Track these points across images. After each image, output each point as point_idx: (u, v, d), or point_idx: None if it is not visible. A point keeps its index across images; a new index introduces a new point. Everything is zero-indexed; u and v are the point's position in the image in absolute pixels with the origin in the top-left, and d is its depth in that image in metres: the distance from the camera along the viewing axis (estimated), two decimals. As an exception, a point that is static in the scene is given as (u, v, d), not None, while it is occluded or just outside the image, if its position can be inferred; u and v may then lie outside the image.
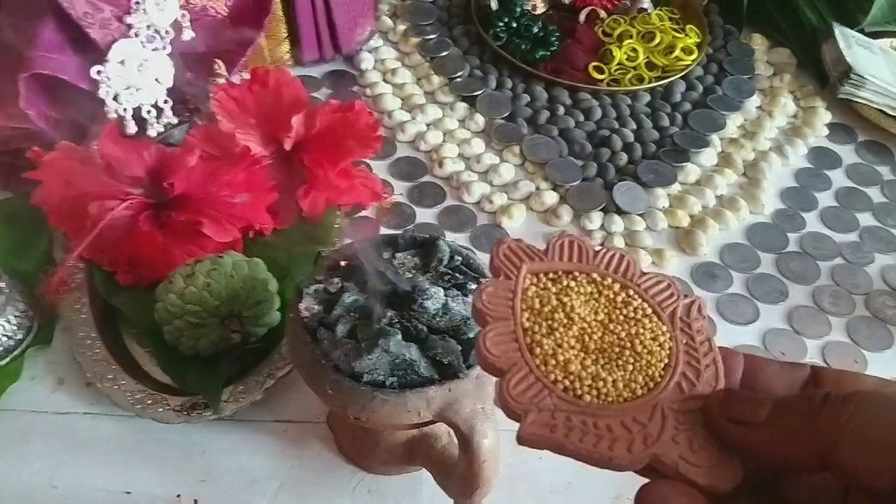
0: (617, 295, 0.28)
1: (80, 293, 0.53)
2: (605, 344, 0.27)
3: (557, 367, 0.26)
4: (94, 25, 0.56)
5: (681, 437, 0.24)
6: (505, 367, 0.26)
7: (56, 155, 0.52)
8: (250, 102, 0.57)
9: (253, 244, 0.54)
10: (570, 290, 0.28)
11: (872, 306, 0.60)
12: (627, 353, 0.27)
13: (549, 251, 0.29)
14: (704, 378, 0.26)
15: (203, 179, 0.54)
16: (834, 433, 0.22)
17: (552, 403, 0.25)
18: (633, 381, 0.26)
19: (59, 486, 0.47)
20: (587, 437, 0.24)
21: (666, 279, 0.29)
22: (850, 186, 0.69)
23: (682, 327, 0.28)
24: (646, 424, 0.25)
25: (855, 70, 0.72)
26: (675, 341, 0.27)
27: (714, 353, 0.27)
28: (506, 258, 0.29)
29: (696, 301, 0.29)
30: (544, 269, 0.28)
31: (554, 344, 0.26)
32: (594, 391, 0.26)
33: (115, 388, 0.49)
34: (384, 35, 0.78)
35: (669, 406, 0.25)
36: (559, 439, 0.24)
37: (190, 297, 0.47)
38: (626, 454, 0.24)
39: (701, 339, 0.28)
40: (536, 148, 0.67)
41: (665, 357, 0.27)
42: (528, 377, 0.25)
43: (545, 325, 0.27)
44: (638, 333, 0.27)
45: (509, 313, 0.27)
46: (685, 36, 0.75)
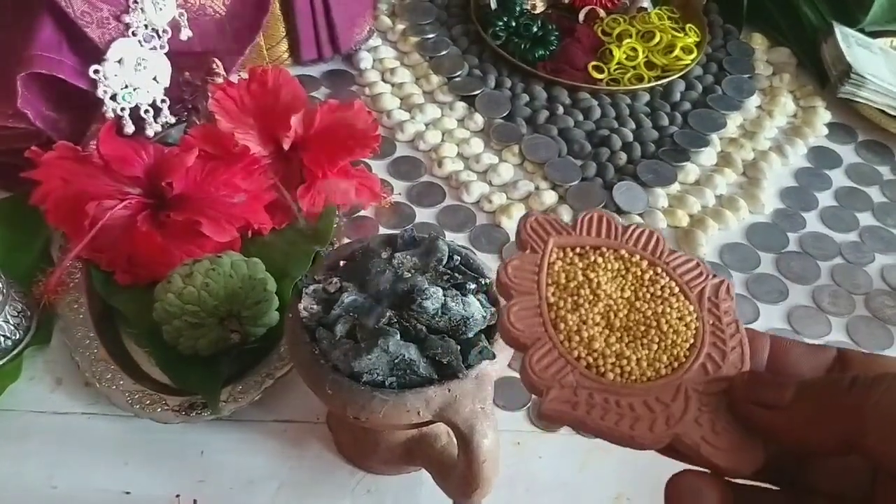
0: (644, 272, 0.28)
1: (79, 293, 0.53)
2: (630, 322, 0.26)
3: (581, 344, 0.26)
4: (92, 24, 0.56)
5: (704, 418, 0.24)
6: (528, 342, 0.25)
7: (54, 154, 0.52)
8: (249, 102, 0.56)
9: (251, 244, 0.54)
10: (596, 266, 0.28)
11: (872, 306, 0.60)
12: (653, 332, 0.26)
13: (577, 226, 0.29)
14: (730, 360, 0.26)
15: (201, 179, 0.54)
16: (861, 416, 0.22)
17: (575, 380, 0.25)
18: (657, 360, 0.26)
19: (58, 486, 0.47)
20: (609, 415, 0.24)
21: (695, 259, 0.29)
22: (850, 186, 0.69)
23: (710, 308, 0.27)
24: (669, 405, 0.24)
25: (855, 69, 0.72)
26: (702, 321, 0.27)
27: (741, 334, 0.27)
28: (533, 231, 0.28)
29: (724, 281, 0.28)
30: (571, 243, 0.28)
31: (579, 320, 0.26)
32: (617, 369, 0.25)
33: (113, 388, 0.49)
34: (383, 34, 0.77)
35: (693, 387, 0.25)
36: (580, 416, 0.24)
37: (188, 296, 0.47)
38: (647, 433, 0.24)
39: (728, 320, 0.27)
40: (536, 147, 0.67)
41: (691, 337, 0.27)
42: (552, 353, 0.25)
43: (570, 300, 0.27)
44: (664, 312, 0.27)
45: (534, 288, 0.27)
46: (685, 35, 0.75)
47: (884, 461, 0.21)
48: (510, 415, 0.52)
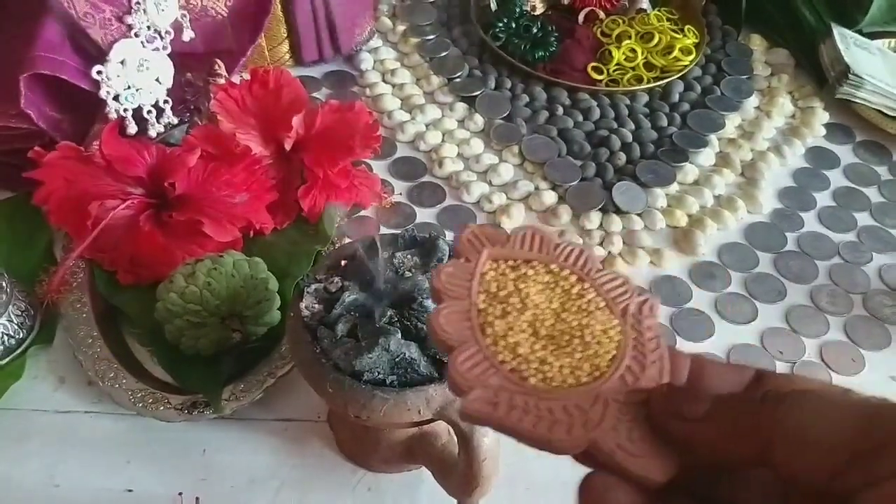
0: (573, 286, 0.29)
1: (82, 292, 0.53)
2: (555, 331, 0.27)
3: (507, 349, 0.26)
4: (95, 25, 0.56)
5: (620, 426, 0.25)
6: (455, 344, 0.26)
7: (57, 155, 0.53)
8: (250, 102, 0.57)
9: (253, 244, 0.55)
10: (527, 278, 0.29)
11: (870, 305, 0.60)
12: (576, 342, 0.27)
13: (511, 240, 0.30)
14: (649, 373, 0.27)
15: (203, 179, 0.54)
16: (770, 431, 0.22)
17: (497, 382, 0.25)
18: (578, 368, 0.26)
19: (61, 485, 0.47)
20: (528, 418, 0.24)
21: (621, 277, 0.30)
22: (848, 186, 0.69)
23: (633, 323, 0.28)
24: (587, 410, 0.25)
25: (853, 70, 0.72)
26: (625, 335, 0.28)
27: (661, 350, 0.27)
28: (469, 242, 0.29)
29: (648, 300, 0.29)
30: (505, 255, 0.29)
31: (506, 326, 0.27)
32: (540, 374, 0.26)
33: (116, 387, 0.49)
34: (383, 35, 0.78)
35: (612, 396, 0.26)
36: (500, 417, 0.24)
37: (191, 296, 0.47)
38: (565, 436, 0.24)
39: (650, 335, 0.28)
40: (535, 148, 0.67)
41: (613, 349, 0.27)
42: (477, 355, 0.26)
43: (499, 307, 0.27)
44: (588, 324, 0.28)
45: (465, 294, 0.28)
46: (683, 36, 0.75)
47: (791, 475, 0.22)
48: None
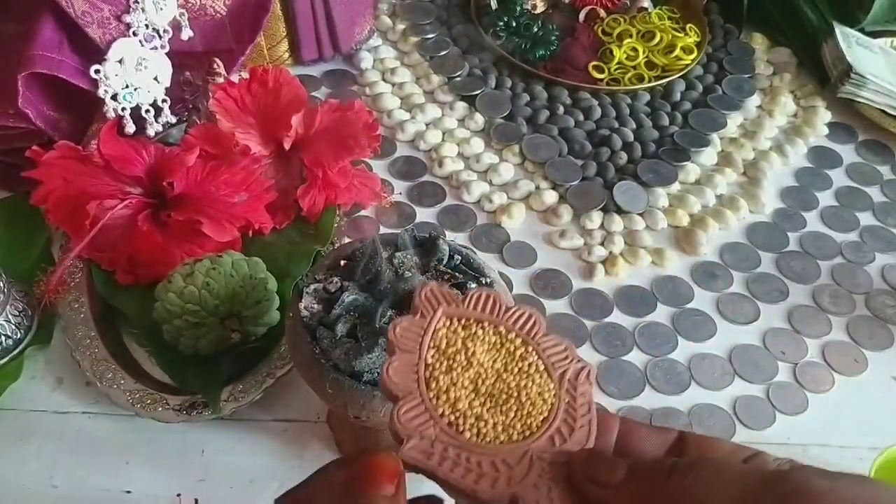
0: (517, 349, 0.31)
1: (80, 292, 0.53)
2: (495, 390, 0.30)
3: (447, 403, 0.29)
4: (93, 24, 0.56)
5: (542, 483, 0.27)
6: (400, 395, 0.28)
7: (55, 154, 0.52)
8: (249, 102, 0.56)
9: (252, 243, 0.54)
10: (476, 337, 0.31)
11: (872, 305, 0.60)
12: (512, 401, 0.29)
13: (466, 300, 0.32)
14: (576, 436, 0.29)
15: (202, 179, 0.54)
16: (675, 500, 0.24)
17: (434, 434, 0.28)
18: (511, 426, 0.29)
19: (59, 486, 0.47)
20: (458, 469, 0.27)
21: (564, 343, 0.32)
22: (851, 186, 0.69)
23: (568, 388, 0.31)
24: (513, 467, 0.27)
25: (855, 69, 0.72)
26: (559, 399, 0.30)
27: (591, 415, 0.30)
28: (426, 299, 0.31)
29: (586, 367, 0.31)
30: (459, 314, 0.31)
31: (449, 381, 0.29)
32: (475, 429, 0.28)
33: (114, 388, 0.49)
34: (383, 34, 0.77)
35: (539, 455, 0.28)
36: (433, 466, 0.27)
37: (189, 296, 0.47)
38: (488, 489, 0.27)
39: (582, 401, 0.30)
40: (536, 147, 0.67)
41: (546, 411, 0.30)
42: (419, 407, 0.28)
43: (446, 363, 0.30)
44: (526, 386, 0.30)
45: (416, 348, 0.30)
46: (685, 35, 0.75)
47: None
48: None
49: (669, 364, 0.55)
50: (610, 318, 0.57)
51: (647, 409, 0.53)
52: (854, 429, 0.52)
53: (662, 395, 0.53)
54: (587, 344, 0.56)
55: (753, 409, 0.53)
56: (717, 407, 0.53)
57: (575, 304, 0.58)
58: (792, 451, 0.51)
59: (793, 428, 0.52)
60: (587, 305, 0.58)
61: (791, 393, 0.54)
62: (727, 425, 0.52)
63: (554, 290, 0.59)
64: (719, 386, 0.54)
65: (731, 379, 0.55)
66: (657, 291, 0.59)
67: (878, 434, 0.52)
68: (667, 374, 0.55)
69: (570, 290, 0.59)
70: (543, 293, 0.59)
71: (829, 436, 0.52)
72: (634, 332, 0.57)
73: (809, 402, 0.54)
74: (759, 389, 0.54)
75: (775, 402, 0.53)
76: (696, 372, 0.55)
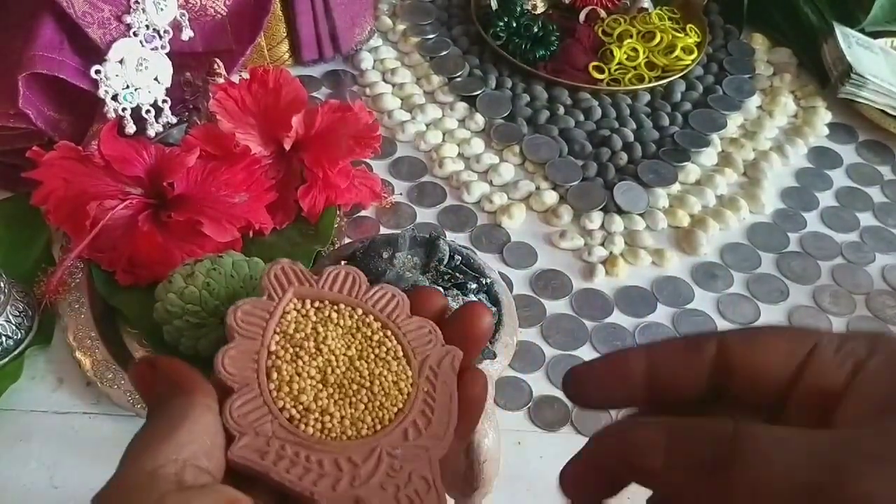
0: (375, 333, 0.28)
1: (80, 293, 0.53)
2: (345, 379, 0.27)
3: (289, 395, 0.26)
4: (94, 25, 0.56)
5: (389, 483, 0.24)
6: (235, 387, 0.25)
7: (55, 155, 0.52)
8: (250, 102, 0.56)
9: (252, 244, 0.54)
10: (329, 321, 0.28)
11: (873, 306, 0.60)
12: (364, 392, 0.26)
13: (322, 279, 0.29)
14: (433, 429, 0.26)
15: (202, 179, 0.54)
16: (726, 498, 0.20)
17: (272, 430, 0.25)
18: (361, 420, 0.26)
19: (60, 486, 0.47)
20: (295, 469, 0.24)
21: (428, 325, 0.28)
22: (851, 186, 0.69)
23: (429, 375, 0.27)
24: (359, 465, 0.25)
25: (855, 70, 0.72)
26: (417, 388, 0.27)
27: (452, 406, 0.27)
28: (275, 279, 0.28)
29: (451, 352, 0.28)
30: (312, 295, 0.28)
31: (293, 371, 0.26)
32: (319, 424, 0.25)
33: (115, 388, 0.49)
34: (384, 35, 0.77)
35: (389, 451, 0.25)
36: (267, 466, 0.24)
37: (190, 296, 0.47)
38: (329, 491, 0.24)
39: (443, 390, 0.27)
40: (536, 148, 0.67)
41: (401, 402, 0.27)
42: (256, 400, 0.25)
43: (292, 350, 0.27)
44: (381, 374, 0.27)
45: (259, 334, 0.27)
46: (685, 35, 0.75)
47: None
48: (511, 414, 0.52)
49: (670, 364, 0.55)
50: (610, 318, 0.57)
51: (648, 409, 0.52)
52: (854, 429, 0.52)
53: (663, 395, 0.53)
54: (587, 344, 0.56)
55: (754, 409, 0.53)
56: (718, 407, 0.53)
57: (575, 304, 0.58)
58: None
59: (793, 428, 0.52)
60: (587, 306, 0.58)
61: (791, 393, 0.54)
62: (727, 426, 0.52)
63: (554, 290, 0.59)
64: (720, 386, 0.54)
65: (732, 379, 0.55)
66: (657, 292, 0.59)
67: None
68: (667, 374, 0.54)
69: (570, 290, 0.59)
70: (544, 293, 0.59)
71: (830, 436, 0.52)
72: (635, 333, 0.57)
73: (810, 402, 0.54)
74: (759, 390, 0.54)
75: (776, 403, 0.53)
76: (696, 372, 0.55)
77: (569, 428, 0.51)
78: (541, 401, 0.53)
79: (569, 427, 0.51)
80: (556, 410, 0.52)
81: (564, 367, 0.54)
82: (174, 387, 0.24)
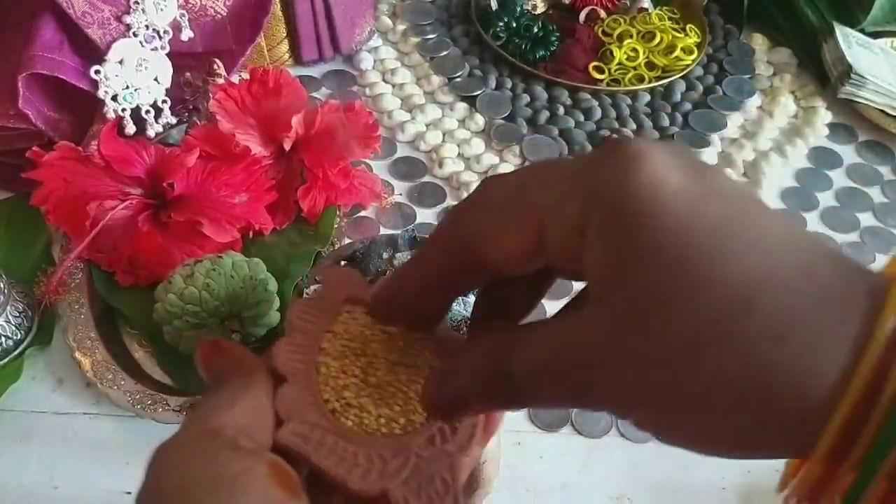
0: (415, 342, 0.30)
1: (80, 293, 0.53)
2: (383, 381, 0.29)
3: (334, 389, 0.28)
4: (93, 25, 0.56)
5: (413, 480, 0.27)
6: (287, 376, 0.28)
7: (55, 155, 0.52)
8: (250, 102, 0.57)
9: (252, 244, 0.54)
10: (373, 326, 0.30)
11: (873, 306, 0.60)
12: (400, 395, 0.29)
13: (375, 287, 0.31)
14: (458, 438, 0.28)
15: (202, 179, 0.54)
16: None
17: (315, 419, 0.27)
18: (394, 420, 0.28)
19: (59, 487, 0.47)
20: (332, 457, 0.26)
21: (461, 339, 0.31)
22: (851, 186, 0.69)
23: None
24: (388, 461, 0.27)
25: (856, 70, 0.72)
26: None
27: (478, 417, 0.29)
28: (333, 282, 0.31)
29: None
30: (365, 300, 0.31)
31: (339, 368, 0.29)
32: (357, 419, 0.28)
33: (114, 389, 0.49)
34: (384, 35, 0.77)
35: (417, 452, 0.27)
36: (308, 451, 0.26)
37: (190, 297, 0.47)
38: (360, 480, 0.26)
39: None
40: (537, 148, 0.67)
41: None
42: (304, 390, 0.28)
43: (340, 349, 0.29)
44: (415, 381, 0.29)
45: (313, 330, 0.29)
46: (685, 36, 0.75)
47: None
48: (511, 415, 0.52)
49: (670, 365, 0.55)
50: (610, 318, 0.57)
51: (648, 409, 0.52)
52: (854, 429, 0.52)
53: (663, 395, 0.53)
54: (587, 345, 0.56)
55: (754, 409, 0.53)
56: (718, 408, 0.53)
57: (575, 304, 0.58)
58: (792, 452, 0.51)
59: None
60: (587, 306, 0.58)
61: (791, 394, 0.54)
62: (728, 426, 0.52)
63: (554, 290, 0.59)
64: (720, 387, 0.54)
65: (732, 380, 0.55)
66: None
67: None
68: (667, 374, 0.54)
69: (570, 290, 0.59)
70: (544, 294, 0.58)
71: (830, 436, 0.52)
72: (635, 333, 0.57)
73: (810, 402, 0.54)
74: (759, 390, 0.54)
75: (776, 403, 0.53)
76: (696, 373, 0.55)
77: (569, 428, 0.51)
78: (541, 401, 0.53)
79: (569, 427, 0.51)
80: (556, 411, 0.52)
81: (564, 367, 0.55)
82: (238, 365, 0.27)
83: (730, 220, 0.19)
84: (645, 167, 0.20)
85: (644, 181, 0.20)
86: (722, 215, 0.19)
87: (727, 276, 0.19)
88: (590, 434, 0.51)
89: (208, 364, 0.28)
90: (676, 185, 0.20)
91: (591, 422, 0.51)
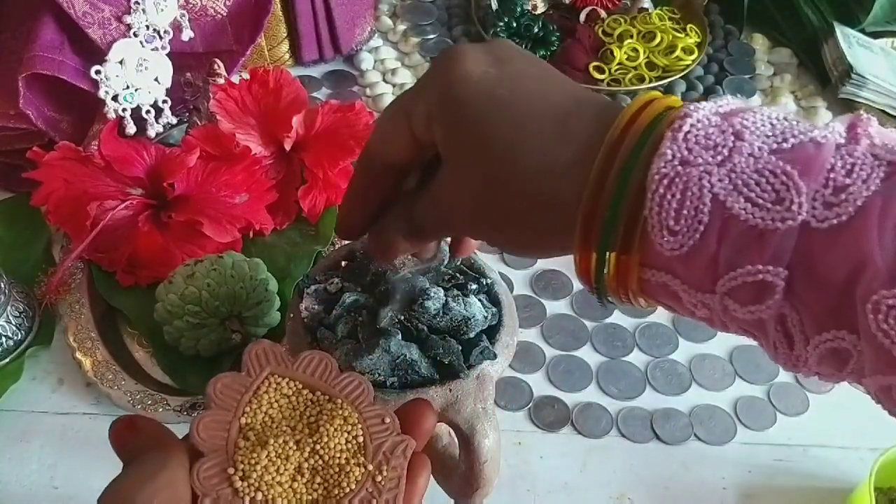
0: (338, 417, 0.31)
1: (80, 293, 0.53)
2: (302, 459, 0.30)
3: (250, 466, 0.29)
4: (94, 25, 0.56)
5: None
6: (206, 452, 0.28)
7: (56, 155, 0.52)
8: (250, 102, 0.57)
9: (252, 244, 0.54)
10: (299, 399, 0.31)
11: (873, 306, 0.60)
12: (320, 470, 0.30)
13: (297, 363, 0.32)
14: None
15: (203, 180, 0.54)
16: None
17: (230, 495, 0.28)
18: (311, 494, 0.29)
19: (60, 486, 0.47)
20: None
21: (389, 416, 0.32)
22: (851, 186, 0.69)
23: (381, 460, 0.30)
24: None
25: (856, 70, 0.72)
26: (368, 473, 0.30)
27: (398, 491, 0.30)
28: (255, 357, 0.31)
29: (405, 441, 0.31)
30: (288, 375, 0.31)
31: (257, 443, 0.29)
32: (273, 495, 0.29)
33: (115, 389, 0.49)
34: (384, 35, 0.77)
35: None
36: None
37: (190, 297, 0.47)
38: None
39: (392, 475, 0.30)
40: (537, 148, 0.67)
41: (354, 482, 0.30)
42: (220, 465, 0.28)
43: (261, 426, 0.30)
44: (340, 455, 0.30)
45: (234, 406, 0.30)
46: (686, 36, 0.75)
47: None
48: (512, 415, 0.52)
49: (670, 365, 0.55)
50: (611, 318, 0.57)
51: (648, 409, 0.53)
52: (854, 429, 0.52)
53: (663, 395, 0.53)
54: (588, 345, 0.56)
55: (754, 409, 0.53)
56: (718, 408, 0.53)
57: (575, 304, 0.58)
58: (793, 452, 0.51)
59: (793, 429, 0.52)
60: (588, 306, 0.58)
61: (792, 394, 0.54)
62: (728, 426, 0.52)
63: (554, 290, 0.59)
64: (720, 387, 0.54)
65: (732, 380, 0.55)
66: (658, 292, 0.59)
67: (878, 435, 0.51)
68: (667, 374, 0.54)
69: (570, 290, 0.59)
70: (544, 294, 0.59)
71: (830, 436, 0.52)
72: (635, 333, 0.57)
73: (810, 402, 0.54)
74: (759, 390, 0.54)
75: (776, 403, 0.53)
76: (696, 373, 0.55)
77: (569, 428, 0.51)
78: (541, 401, 0.53)
79: (569, 427, 0.51)
80: (556, 410, 0.52)
81: (565, 367, 0.55)
82: (154, 440, 0.28)
83: (510, 96, 0.27)
84: (460, 63, 0.28)
85: (458, 74, 0.28)
86: (508, 93, 0.27)
87: (505, 134, 0.27)
88: (590, 434, 0.51)
89: (122, 443, 0.29)
90: (479, 74, 0.28)
91: (591, 422, 0.51)
